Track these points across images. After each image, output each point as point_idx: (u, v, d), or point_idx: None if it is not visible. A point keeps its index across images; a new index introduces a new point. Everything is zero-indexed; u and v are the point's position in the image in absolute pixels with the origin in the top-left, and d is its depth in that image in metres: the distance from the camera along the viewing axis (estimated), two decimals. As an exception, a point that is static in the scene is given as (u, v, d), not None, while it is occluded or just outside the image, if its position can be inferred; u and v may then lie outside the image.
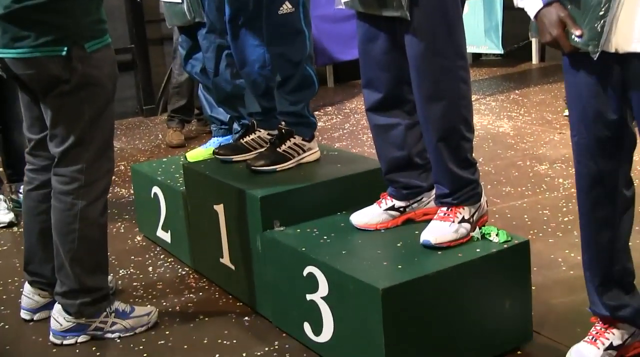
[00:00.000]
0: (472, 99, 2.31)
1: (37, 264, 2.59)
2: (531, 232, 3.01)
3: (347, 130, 5.01)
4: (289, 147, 2.79)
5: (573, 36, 1.77)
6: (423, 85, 2.22)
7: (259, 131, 2.94)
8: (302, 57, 2.74)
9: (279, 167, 2.75)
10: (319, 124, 5.17)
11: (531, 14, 1.86)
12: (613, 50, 1.73)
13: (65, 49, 2.22)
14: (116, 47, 5.92)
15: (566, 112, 4.62)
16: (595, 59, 1.75)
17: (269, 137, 2.91)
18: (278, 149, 2.78)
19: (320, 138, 4.59)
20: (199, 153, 3.27)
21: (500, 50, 6.68)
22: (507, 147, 4.21)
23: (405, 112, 2.38)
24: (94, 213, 2.39)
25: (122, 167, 4.51)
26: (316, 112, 5.39)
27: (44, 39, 2.21)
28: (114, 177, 4.22)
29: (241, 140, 2.95)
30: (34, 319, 2.63)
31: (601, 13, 1.70)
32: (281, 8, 2.67)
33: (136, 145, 5.11)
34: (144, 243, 3.34)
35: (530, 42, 6.70)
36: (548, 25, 1.80)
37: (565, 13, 1.78)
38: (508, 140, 4.34)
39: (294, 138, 2.81)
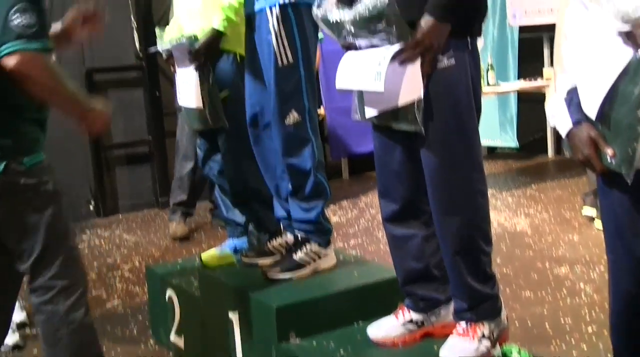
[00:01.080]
0: (488, 194, 2.28)
1: None
2: (553, 342, 2.92)
3: (362, 226, 4.99)
4: (305, 254, 2.77)
5: (607, 156, 1.73)
6: (439, 199, 2.21)
7: (286, 235, 2.92)
8: (311, 165, 2.75)
9: (295, 275, 2.72)
10: (334, 218, 5.16)
11: (562, 132, 1.84)
12: None
13: (3, 164, 2.23)
14: (133, 140, 6.12)
15: (584, 211, 4.58)
16: (629, 182, 1.70)
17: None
18: (294, 257, 2.76)
19: (335, 234, 4.57)
20: (214, 255, 3.24)
21: (515, 144, 6.72)
22: (525, 247, 4.16)
23: (422, 223, 2.36)
24: (78, 316, 2.37)
25: (137, 263, 4.49)
26: (331, 205, 5.39)
27: None
28: (128, 275, 4.26)
29: (268, 244, 2.94)
30: None
31: (634, 135, 1.67)
32: (287, 118, 2.70)
33: (151, 239, 5.11)
34: (157, 348, 3.28)
35: (546, 134, 6.73)
36: (579, 145, 1.76)
37: (596, 133, 1.73)
38: (526, 240, 4.30)
39: (310, 244, 2.79)
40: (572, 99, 1.83)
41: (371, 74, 2.12)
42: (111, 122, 2.45)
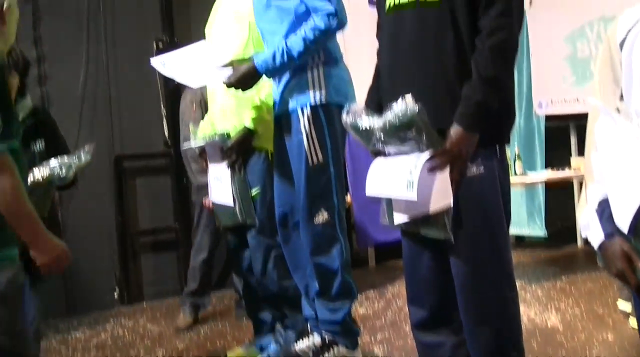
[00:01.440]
0: (517, 286, 2.23)
1: None
2: None
3: (389, 318, 4.89)
4: (332, 357, 2.72)
5: None
6: (469, 309, 2.17)
7: (313, 336, 2.88)
8: (339, 265, 2.73)
9: (322, 380, 2.67)
10: (361, 310, 5.07)
11: (595, 245, 1.81)
12: None
13: None
14: (160, 226, 6.12)
15: (620, 304, 4.46)
16: None
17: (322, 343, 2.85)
18: (321, 360, 2.71)
19: (361, 327, 4.49)
20: (240, 355, 3.20)
21: (544, 233, 6.63)
22: (558, 346, 4.03)
23: (451, 330, 2.31)
24: None
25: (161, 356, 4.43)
26: (358, 295, 5.29)
27: None
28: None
29: (294, 345, 2.89)
30: None
31: None
32: (317, 217, 2.70)
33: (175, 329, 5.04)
34: None
35: (575, 223, 6.65)
36: (613, 258, 1.73)
37: (629, 247, 1.69)
38: (557, 338, 4.17)
39: (337, 347, 2.74)
40: (604, 210, 1.80)
41: (403, 182, 2.11)
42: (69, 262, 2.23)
